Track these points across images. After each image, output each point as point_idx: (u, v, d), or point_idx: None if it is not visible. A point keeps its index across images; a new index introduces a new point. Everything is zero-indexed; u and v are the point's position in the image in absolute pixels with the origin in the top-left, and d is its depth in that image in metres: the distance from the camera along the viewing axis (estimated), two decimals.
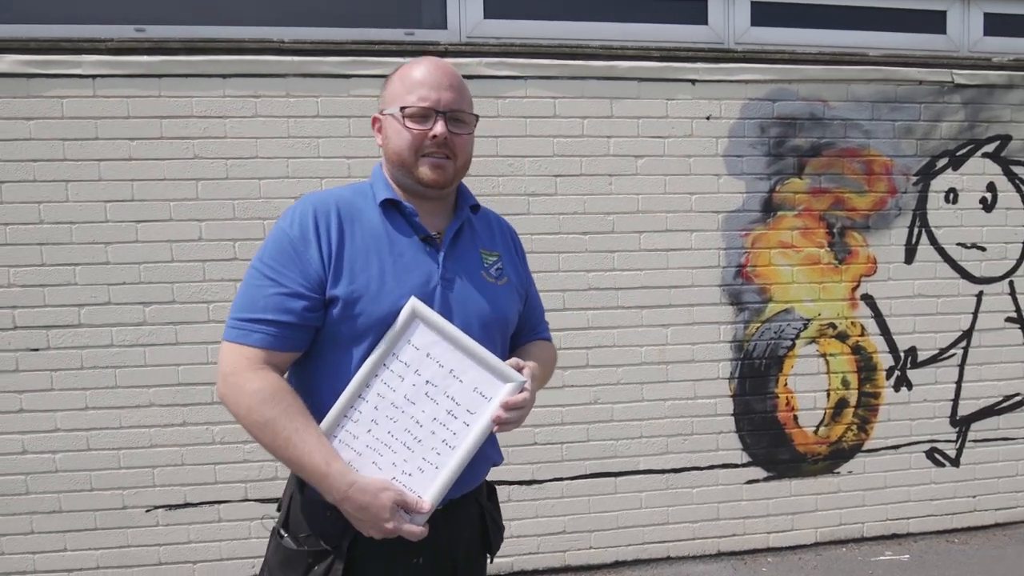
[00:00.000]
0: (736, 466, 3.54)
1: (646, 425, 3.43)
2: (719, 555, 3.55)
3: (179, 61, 3.04)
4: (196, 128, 3.06)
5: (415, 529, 1.25)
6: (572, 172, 3.29)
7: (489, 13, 3.34)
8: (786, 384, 3.55)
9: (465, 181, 1.51)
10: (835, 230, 3.55)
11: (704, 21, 3.48)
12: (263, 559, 1.44)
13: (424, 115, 1.34)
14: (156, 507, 3.10)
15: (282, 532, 1.37)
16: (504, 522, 3.41)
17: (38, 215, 2.98)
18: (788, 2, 3.55)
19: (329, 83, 3.14)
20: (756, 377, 3.52)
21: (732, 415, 3.51)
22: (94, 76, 3.00)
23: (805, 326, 3.55)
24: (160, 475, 3.10)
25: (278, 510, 1.46)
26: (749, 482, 3.56)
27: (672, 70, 3.34)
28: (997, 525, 3.85)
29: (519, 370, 1.35)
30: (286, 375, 1.34)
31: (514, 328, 1.54)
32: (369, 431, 1.26)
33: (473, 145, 1.46)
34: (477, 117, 1.45)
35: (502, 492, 3.26)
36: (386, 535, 1.24)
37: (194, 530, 3.14)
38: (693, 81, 3.37)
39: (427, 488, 1.27)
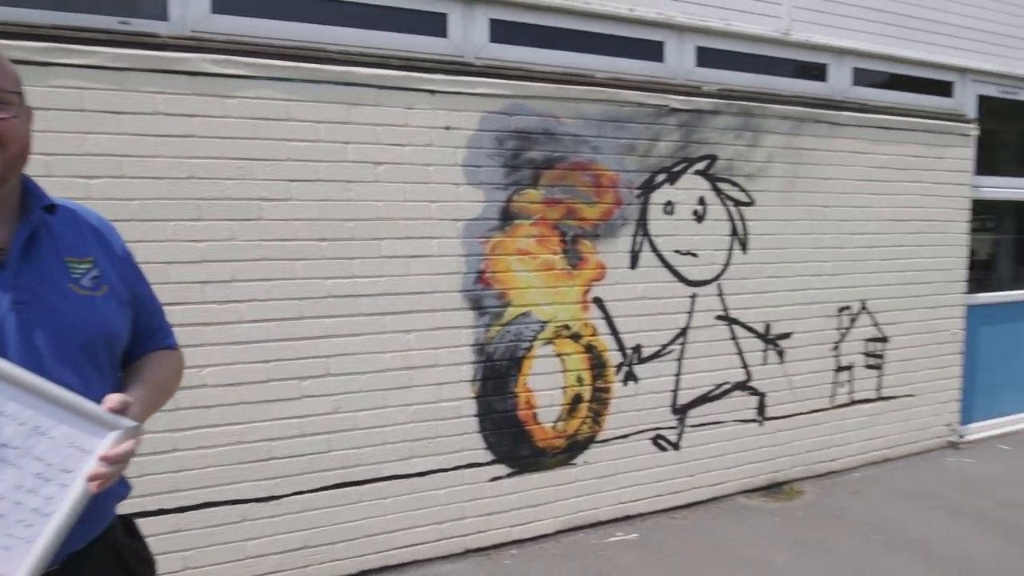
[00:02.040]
0: (481, 465, 3.68)
1: (390, 431, 3.44)
2: (465, 553, 3.66)
3: None
4: None
5: None
6: (308, 177, 3.22)
7: (217, 8, 3.16)
8: (525, 383, 3.75)
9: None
10: (568, 238, 3.81)
11: (444, 34, 3.58)
12: None
13: None
14: None
15: None
16: (238, 543, 3.27)
17: None
18: (524, 22, 3.75)
19: (25, 71, 2.80)
20: (497, 378, 3.68)
21: (476, 416, 3.64)
22: None
23: (542, 328, 3.78)
24: None
25: None
26: (493, 479, 3.71)
27: (412, 79, 3.40)
28: (711, 500, 4.37)
29: (123, 409, 1.17)
30: None
31: (126, 342, 1.36)
32: None
33: (29, 132, 1.25)
34: (22, 101, 1.24)
35: (234, 512, 3.14)
36: None
37: None
38: (432, 92, 3.45)
39: (16, 567, 1.10)
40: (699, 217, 4.23)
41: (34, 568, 1.11)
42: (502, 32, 3.71)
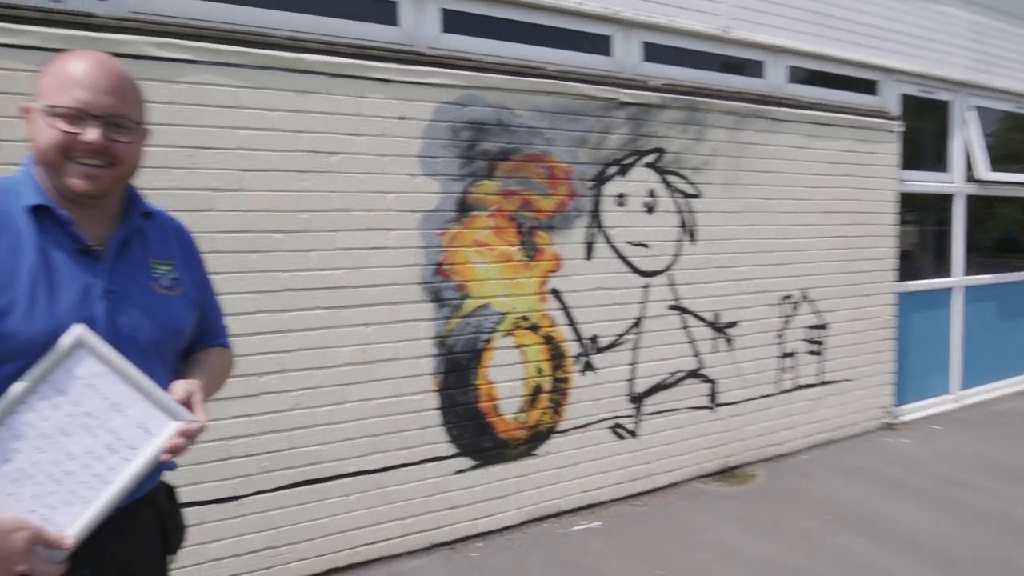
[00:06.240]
0: (444, 458, 3.62)
1: (351, 427, 3.36)
2: (431, 548, 3.59)
3: None
4: None
5: (49, 569, 1.16)
6: (260, 167, 3.12)
7: None
8: (486, 375, 3.73)
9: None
10: (524, 229, 3.81)
11: (395, 22, 3.54)
12: None
13: (76, 116, 1.24)
14: None
15: None
16: (200, 546, 3.13)
17: None
18: (476, 13, 3.75)
19: None
20: (458, 371, 3.64)
21: (438, 409, 3.59)
22: None
23: (501, 320, 3.76)
24: None
25: None
26: (457, 472, 3.66)
27: (363, 68, 3.34)
28: (669, 486, 4.43)
29: (187, 400, 1.31)
30: None
31: (189, 339, 1.51)
32: (9, 461, 1.18)
33: (140, 153, 1.38)
34: (141, 126, 1.37)
35: (195, 514, 3.01)
36: None
37: None
38: (385, 80, 3.40)
39: (72, 522, 1.20)
40: (649, 209, 4.31)
41: (86, 525, 1.21)
42: (454, 22, 3.69)
